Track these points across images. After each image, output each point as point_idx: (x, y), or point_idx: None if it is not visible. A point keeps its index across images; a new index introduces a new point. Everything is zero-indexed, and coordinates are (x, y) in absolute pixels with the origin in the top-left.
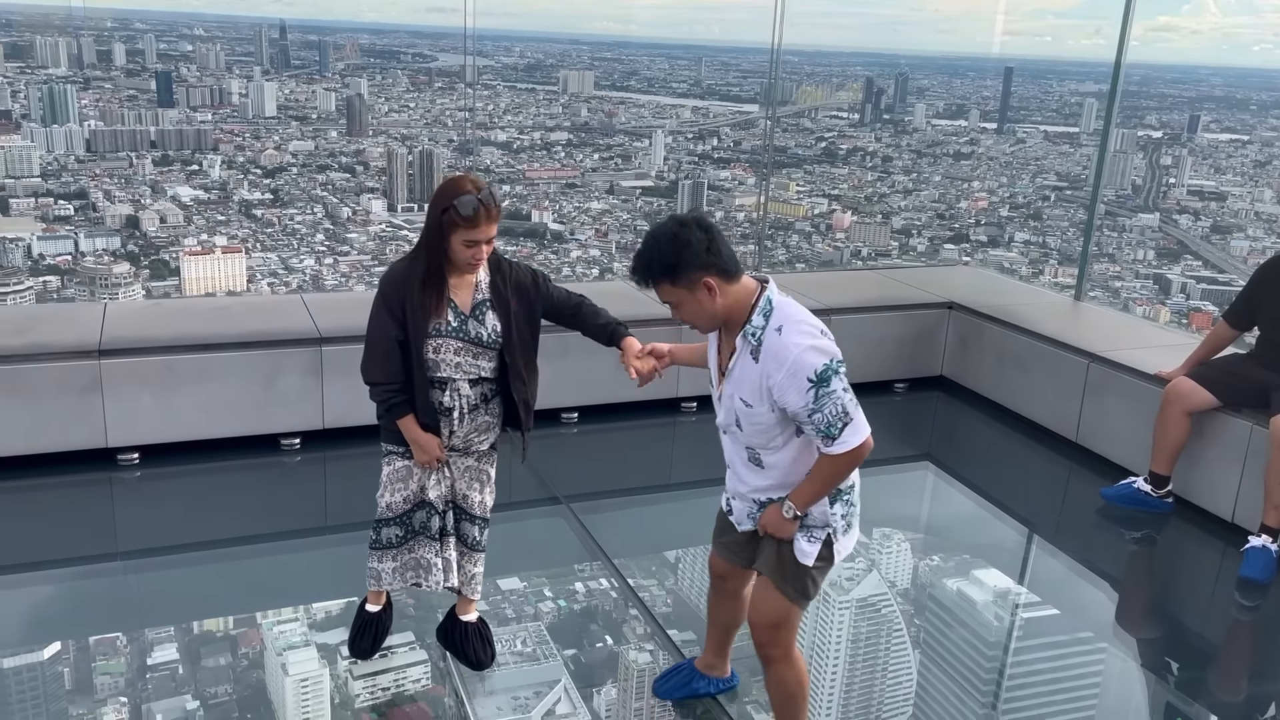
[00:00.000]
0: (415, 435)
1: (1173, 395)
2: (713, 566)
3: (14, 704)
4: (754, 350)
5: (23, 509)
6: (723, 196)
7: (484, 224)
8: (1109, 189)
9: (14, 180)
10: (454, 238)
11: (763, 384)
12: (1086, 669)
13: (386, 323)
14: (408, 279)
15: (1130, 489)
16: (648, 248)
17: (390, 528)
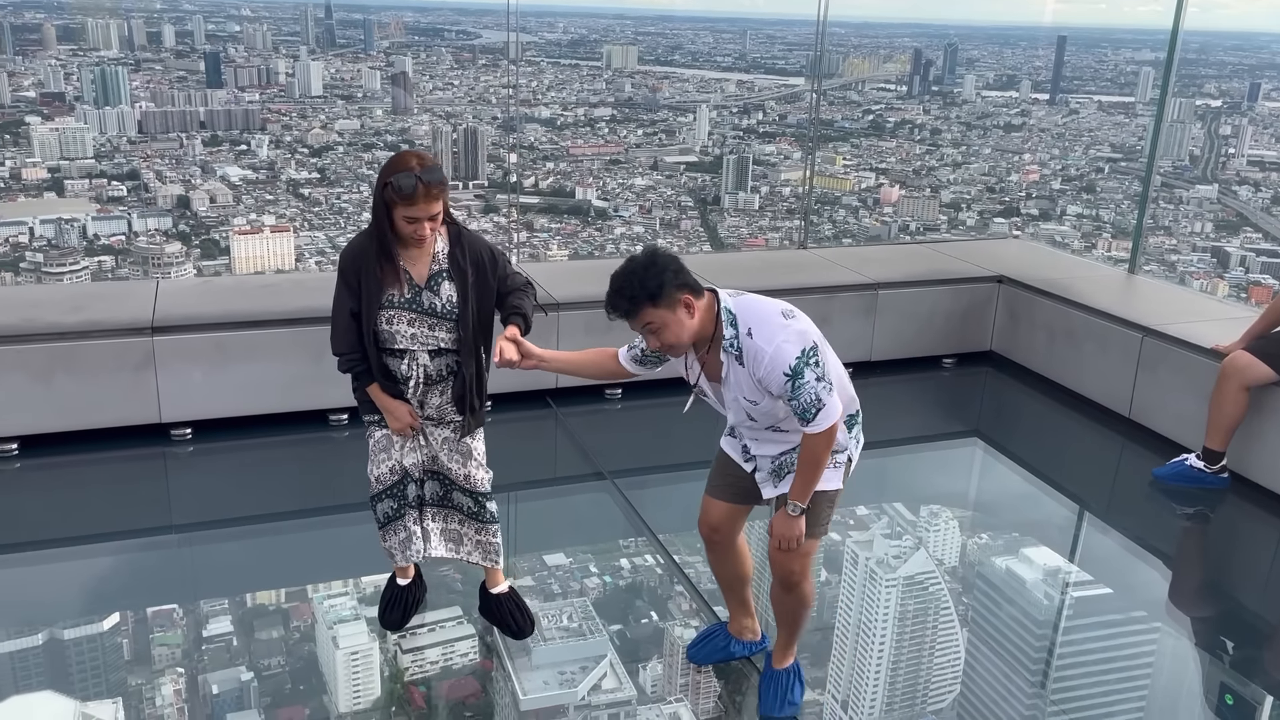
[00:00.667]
0: (385, 403)
1: (1230, 369)
2: (706, 521)
3: (75, 673)
4: (737, 357)
5: (81, 483)
6: (768, 171)
7: (422, 202)
8: (1165, 160)
9: (69, 161)
10: (395, 213)
11: (754, 382)
12: (1139, 649)
13: (343, 295)
14: (364, 252)
15: (1183, 466)
16: (626, 280)
17: (384, 502)
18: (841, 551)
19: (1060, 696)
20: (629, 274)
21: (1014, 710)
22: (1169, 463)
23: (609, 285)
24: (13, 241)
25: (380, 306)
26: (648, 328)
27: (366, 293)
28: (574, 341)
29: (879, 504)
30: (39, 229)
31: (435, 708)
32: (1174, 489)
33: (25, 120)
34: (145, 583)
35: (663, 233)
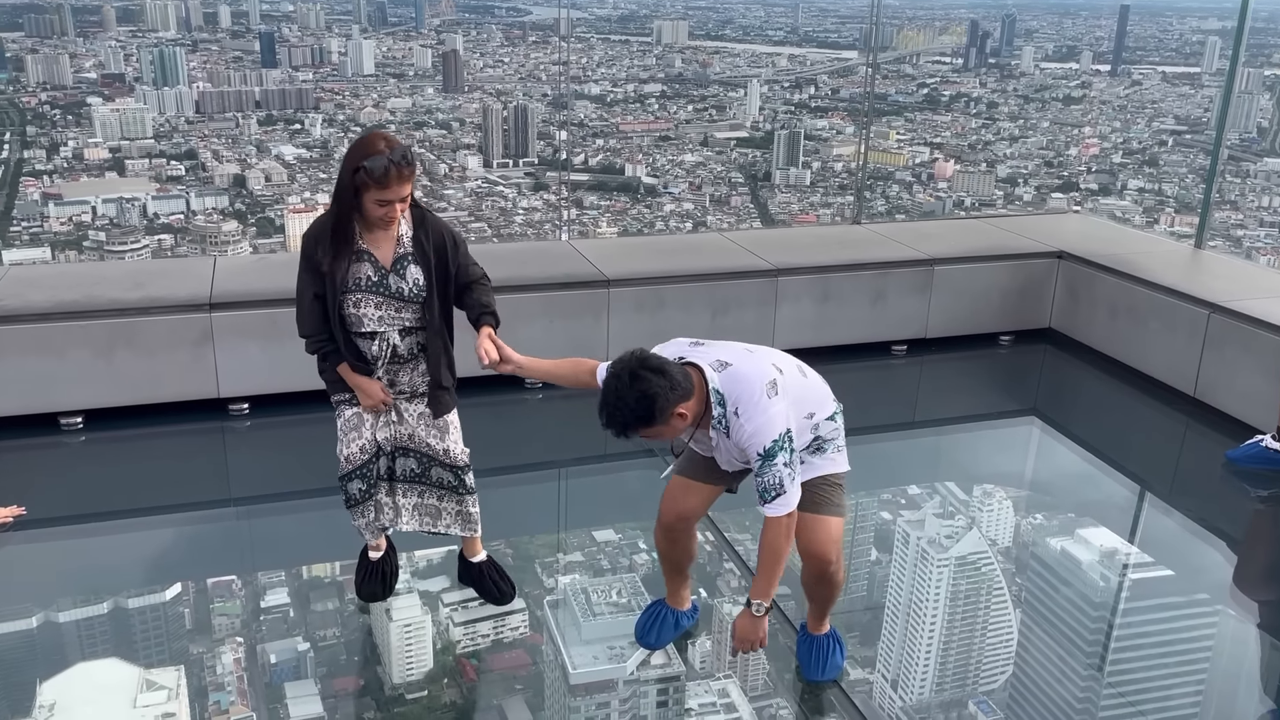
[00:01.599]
0: (356, 381)
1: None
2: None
3: (139, 641)
4: (725, 433)
5: (143, 456)
6: (819, 146)
7: (395, 184)
8: (1233, 132)
9: (129, 141)
10: (366, 197)
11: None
12: (1199, 632)
13: (306, 278)
14: (325, 234)
15: (1258, 448)
16: (619, 409)
17: (354, 482)
18: (893, 531)
19: (1116, 680)
20: (619, 402)
21: (1068, 693)
22: (1243, 444)
23: (602, 402)
24: (76, 220)
25: (347, 290)
26: (645, 439)
27: (331, 276)
28: (624, 318)
29: (931, 483)
30: (101, 208)
31: (486, 680)
32: (1243, 471)
33: (87, 101)
34: (205, 554)
35: (712, 209)
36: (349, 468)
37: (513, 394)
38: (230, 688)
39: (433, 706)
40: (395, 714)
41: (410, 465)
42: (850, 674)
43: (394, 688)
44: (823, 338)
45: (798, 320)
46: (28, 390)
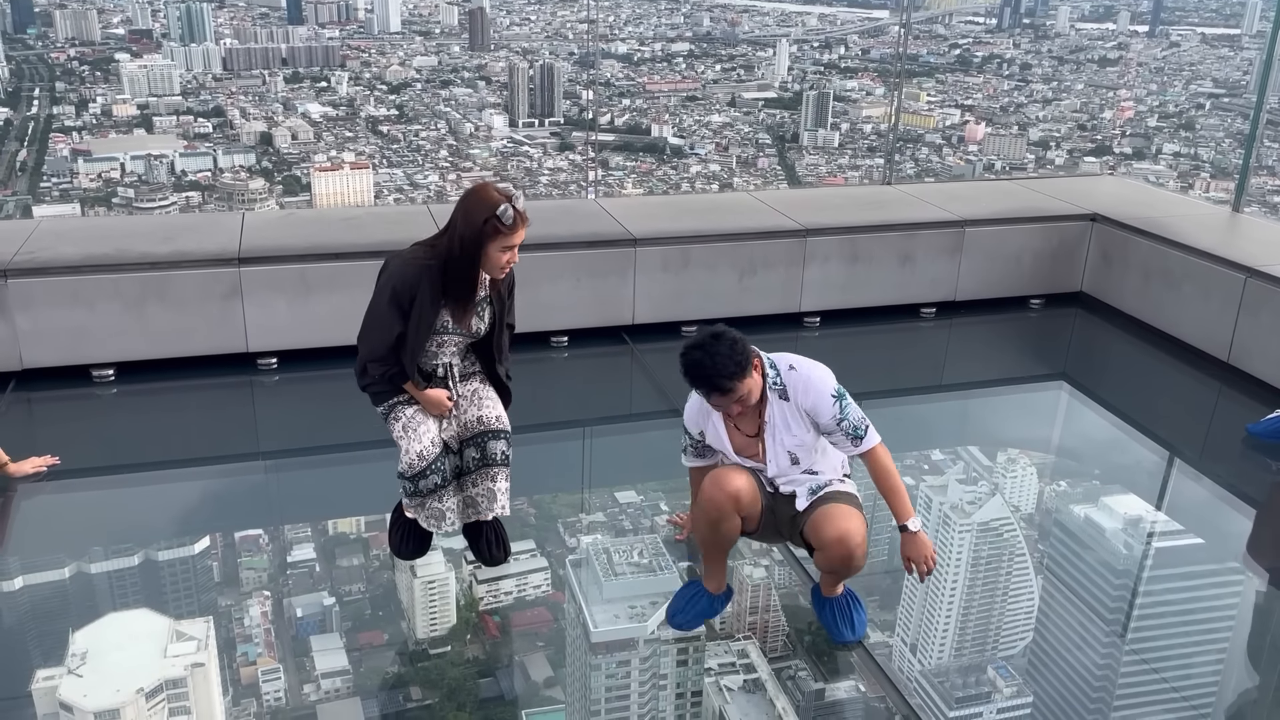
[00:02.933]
0: (424, 395)
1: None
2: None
3: (169, 593)
4: (781, 393)
5: (173, 409)
6: (848, 107)
7: (520, 229)
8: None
9: (156, 99)
10: (492, 245)
11: (801, 415)
12: (1223, 600)
13: (393, 317)
14: (421, 283)
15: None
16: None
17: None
18: (915, 496)
19: (1138, 646)
20: (715, 358)
21: (1088, 659)
22: (1265, 419)
23: (693, 367)
24: (105, 177)
25: (435, 332)
26: (740, 399)
27: (421, 321)
28: (650, 277)
29: (955, 448)
30: (129, 165)
31: (508, 637)
32: (1269, 446)
33: (115, 57)
34: (233, 508)
35: (739, 171)
36: (421, 464)
37: (539, 351)
38: (258, 640)
39: (455, 662)
40: (419, 668)
41: (473, 454)
42: (870, 637)
43: (418, 643)
44: (851, 299)
45: (826, 281)
46: (60, 343)
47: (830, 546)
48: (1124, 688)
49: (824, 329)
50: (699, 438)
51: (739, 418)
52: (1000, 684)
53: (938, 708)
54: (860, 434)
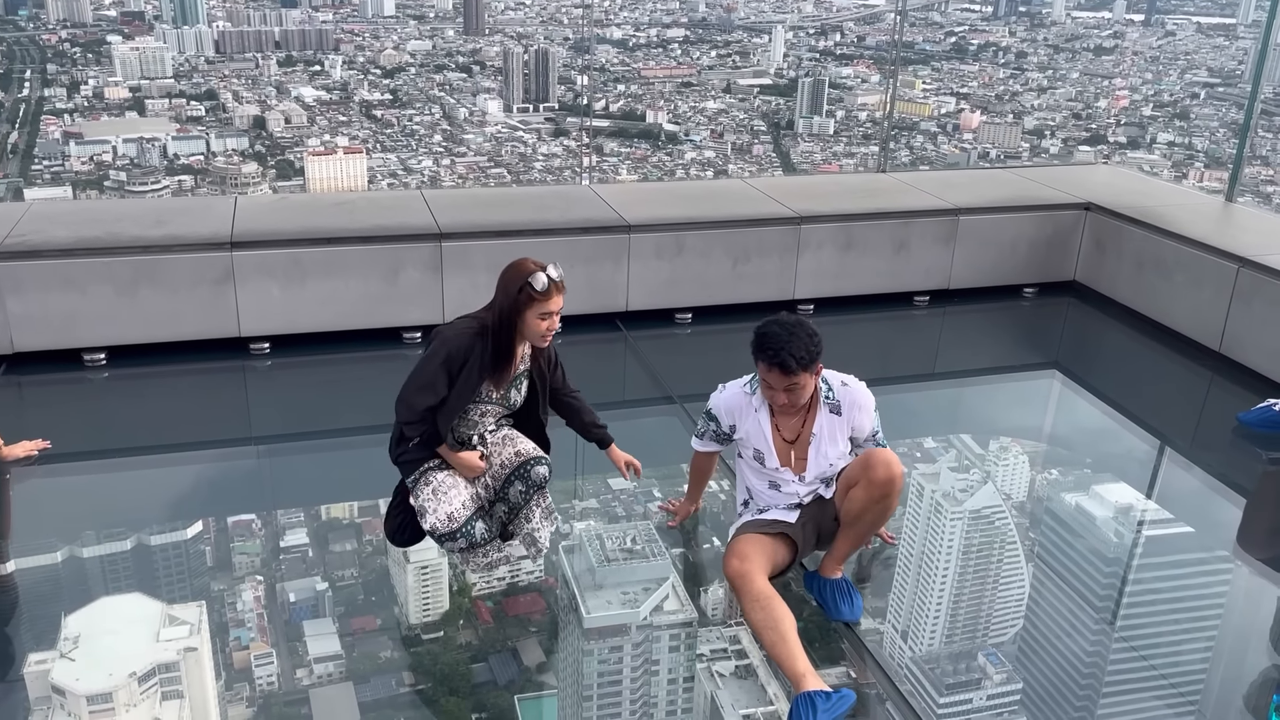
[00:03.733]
0: (457, 457)
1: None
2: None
3: (161, 577)
4: (834, 407)
5: (165, 393)
6: (844, 95)
7: (555, 296)
8: (1267, 85)
9: (149, 81)
10: (529, 312)
11: (848, 425)
12: (1212, 589)
13: (441, 381)
14: (473, 351)
15: (1271, 412)
16: (792, 340)
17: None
18: (908, 484)
19: (1127, 634)
20: (794, 339)
21: (1077, 646)
22: (1255, 408)
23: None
24: (97, 160)
25: (472, 400)
26: (792, 388)
27: (465, 387)
28: (644, 264)
29: (947, 436)
30: (121, 148)
31: (501, 622)
32: (1260, 435)
33: (107, 40)
34: (225, 492)
35: (734, 158)
36: (451, 526)
37: None
38: (250, 625)
39: (449, 647)
40: (412, 653)
41: (519, 488)
42: (862, 624)
43: (410, 628)
44: (844, 287)
45: (819, 269)
46: (52, 326)
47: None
48: (1113, 675)
49: (818, 316)
50: (726, 429)
51: (780, 419)
52: (990, 671)
53: (928, 694)
54: (883, 444)
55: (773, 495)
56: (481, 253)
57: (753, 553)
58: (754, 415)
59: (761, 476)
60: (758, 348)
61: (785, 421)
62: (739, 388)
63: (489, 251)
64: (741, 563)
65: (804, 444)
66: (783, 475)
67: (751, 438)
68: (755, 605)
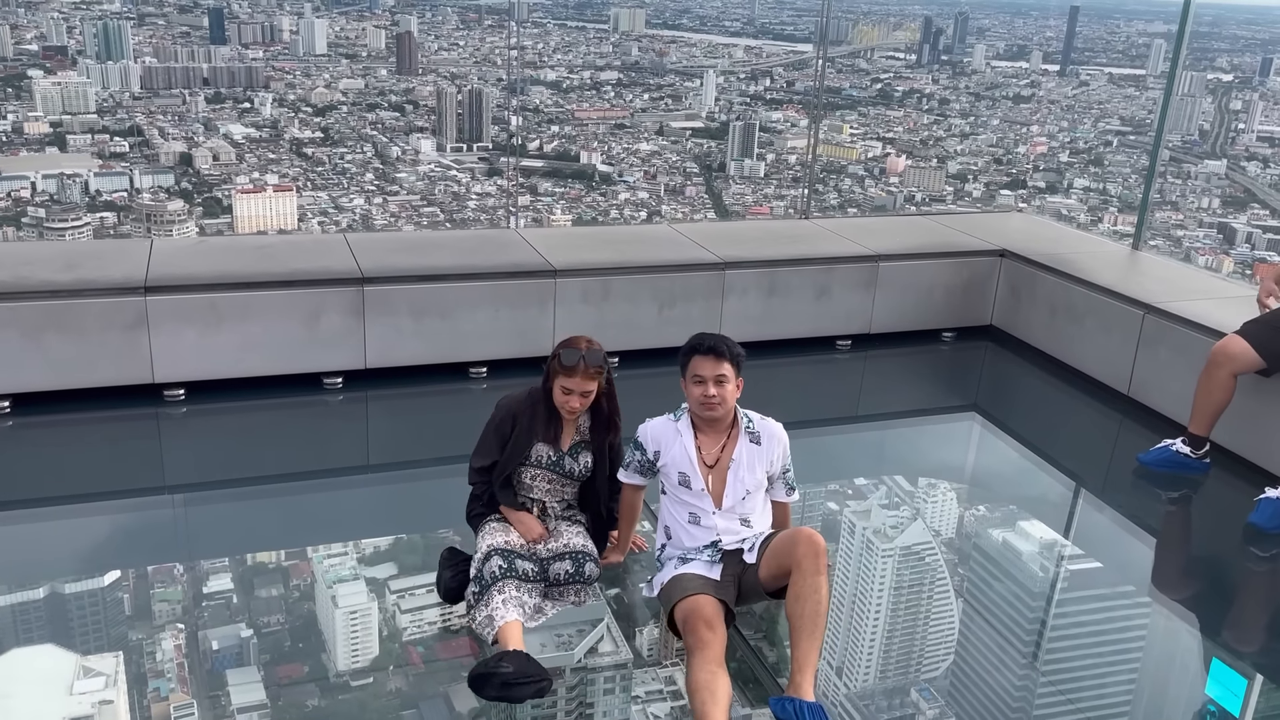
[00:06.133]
0: (516, 515)
1: (1222, 357)
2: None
3: (76, 627)
4: (754, 438)
5: (75, 442)
6: (774, 138)
7: (579, 376)
8: (1175, 134)
9: (71, 116)
10: (555, 381)
11: (766, 456)
12: (1130, 623)
13: (495, 441)
14: (524, 413)
15: (1169, 453)
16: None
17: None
18: (839, 521)
19: (1052, 669)
20: (724, 339)
21: (1006, 680)
22: (1154, 448)
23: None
24: (14, 196)
25: (524, 463)
26: (720, 378)
27: (514, 446)
28: (570, 308)
29: (878, 475)
30: (41, 184)
31: (432, 668)
32: (1159, 475)
33: (28, 74)
34: (143, 541)
35: (667, 199)
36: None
37: (457, 383)
38: (170, 675)
39: (378, 694)
40: (339, 701)
41: (565, 567)
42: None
43: (339, 675)
44: (768, 331)
45: (744, 314)
46: None
47: (801, 544)
48: (1040, 709)
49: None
50: (650, 457)
51: (702, 438)
52: (923, 706)
53: None
54: (794, 486)
55: (692, 533)
56: (404, 297)
57: (717, 623)
58: (679, 439)
59: (682, 507)
60: (691, 345)
61: (707, 445)
62: (665, 417)
63: (412, 296)
64: (709, 630)
65: (723, 469)
66: (703, 504)
67: (676, 462)
68: (705, 668)
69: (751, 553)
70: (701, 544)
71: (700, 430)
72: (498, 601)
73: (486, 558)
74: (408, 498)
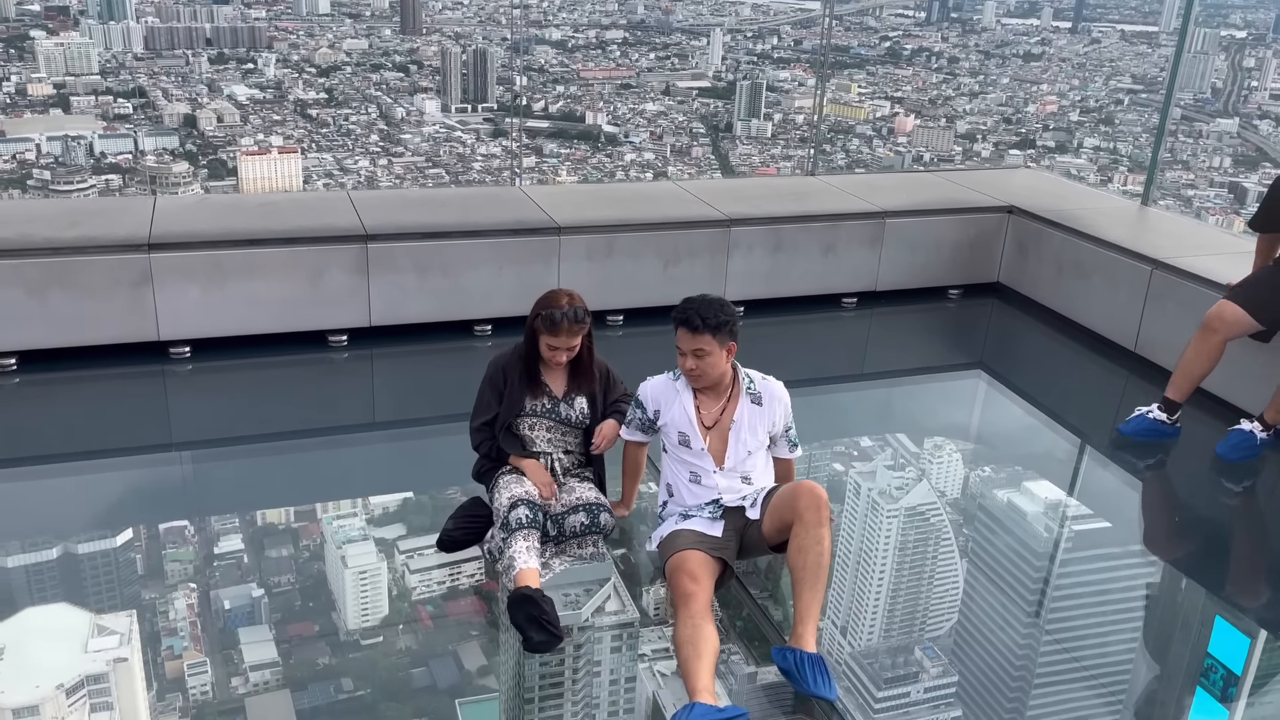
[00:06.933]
0: (524, 463)
1: (1217, 322)
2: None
3: (89, 586)
4: (755, 398)
5: (81, 400)
6: (781, 98)
7: (564, 334)
8: (1186, 92)
9: (74, 78)
10: (540, 339)
11: (768, 417)
12: (1134, 581)
13: (491, 398)
14: (512, 366)
15: (1148, 421)
16: (703, 304)
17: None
18: (844, 482)
19: (1055, 627)
20: (706, 303)
21: (1010, 639)
22: (1131, 418)
23: (684, 304)
24: (20, 158)
25: (522, 413)
26: (699, 352)
27: (509, 400)
28: (574, 266)
29: (883, 435)
30: (45, 146)
31: (441, 626)
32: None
33: (30, 35)
34: (151, 499)
35: (673, 160)
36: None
37: (462, 341)
38: (183, 633)
39: (388, 652)
40: (350, 659)
41: (581, 519)
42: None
43: (349, 633)
44: (774, 289)
45: (749, 271)
46: None
47: (803, 496)
48: (1043, 667)
49: (748, 318)
50: (651, 416)
51: (702, 399)
52: (927, 664)
53: (866, 689)
54: (796, 443)
55: (694, 491)
56: (408, 254)
57: (702, 575)
58: (678, 399)
59: (684, 466)
60: (675, 314)
61: (707, 406)
62: (665, 375)
63: (416, 253)
64: (692, 582)
65: (723, 430)
66: (704, 464)
67: (675, 422)
68: (689, 621)
69: (754, 508)
70: (703, 501)
71: (700, 391)
72: (521, 547)
73: (512, 506)
74: (414, 456)
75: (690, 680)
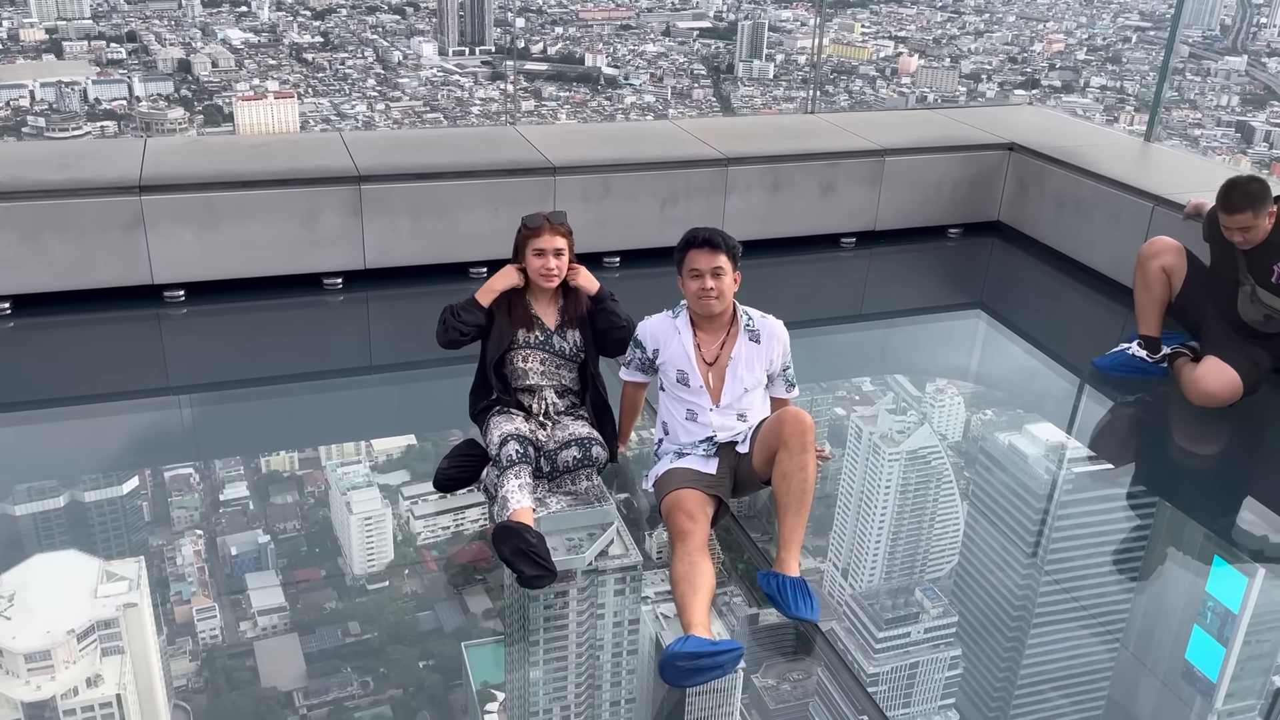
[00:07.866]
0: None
1: (1146, 252)
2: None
3: (97, 533)
4: (753, 336)
5: (77, 343)
6: (783, 38)
7: (547, 233)
8: (1194, 29)
9: (65, 22)
10: (527, 250)
11: (766, 355)
12: (1132, 522)
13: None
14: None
15: (1125, 356)
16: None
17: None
18: (846, 426)
19: (1054, 567)
20: (721, 231)
21: (1009, 580)
22: (1110, 352)
23: (696, 229)
24: (13, 105)
25: (516, 345)
26: (717, 270)
27: (499, 330)
28: (570, 206)
29: (883, 377)
30: (39, 92)
31: (446, 571)
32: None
33: None
34: (152, 443)
35: (674, 102)
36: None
37: (458, 283)
38: (191, 579)
39: (394, 597)
40: (356, 604)
41: (574, 454)
42: (803, 563)
43: (355, 579)
44: (772, 229)
45: (747, 211)
46: None
47: (787, 423)
48: (1042, 607)
49: (746, 259)
50: (649, 355)
51: (701, 336)
52: (927, 605)
53: (867, 629)
54: (794, 383)
55: (689, 429)
56: (402, 195)
57: (699, 513)
58: (677, 336)
59: (680, 404)
60: (685, 239)
61: (707, 343)
62: (663, 314)
63: (410, 194)
64: (689, 520)
65: (721, 367)
66: (701, 401)
67: (674, 359)
68: (686, 558)
69: (745, 443)
70: (698, 439)
71: (699, 328)
72: (513, 485)
73: (503, 442)
74: (413, 399)
75: (686, 615)
